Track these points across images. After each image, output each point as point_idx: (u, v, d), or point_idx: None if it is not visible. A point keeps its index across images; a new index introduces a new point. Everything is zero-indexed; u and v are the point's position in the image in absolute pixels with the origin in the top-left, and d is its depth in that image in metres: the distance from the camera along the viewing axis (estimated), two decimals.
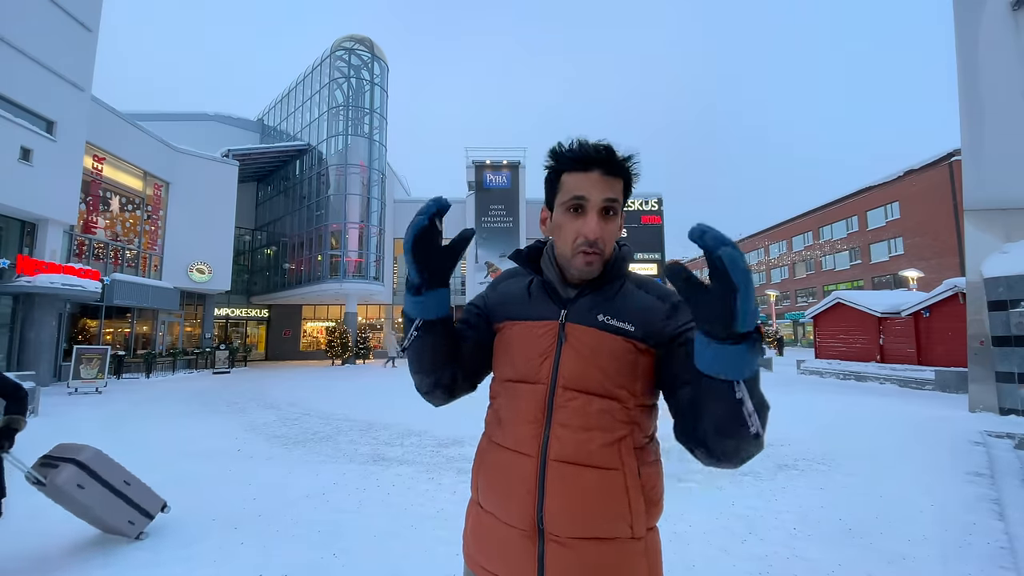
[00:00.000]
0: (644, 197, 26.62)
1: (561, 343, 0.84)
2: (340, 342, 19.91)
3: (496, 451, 0.87)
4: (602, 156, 0.81)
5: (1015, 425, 5.94)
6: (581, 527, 0.77)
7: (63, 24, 11.28)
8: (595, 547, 0.76)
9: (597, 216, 0.81)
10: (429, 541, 2.67)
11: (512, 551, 0.81)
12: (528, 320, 0.89)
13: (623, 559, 0.77)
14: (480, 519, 0.88)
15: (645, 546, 0.80)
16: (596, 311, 0.84)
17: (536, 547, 0.78)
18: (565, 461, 0.79)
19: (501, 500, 0.84)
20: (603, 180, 0.81)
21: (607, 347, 0.81)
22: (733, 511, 3.14)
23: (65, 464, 2.40)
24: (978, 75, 7.37)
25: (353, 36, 22.59)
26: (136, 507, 2.63)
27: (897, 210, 30.29)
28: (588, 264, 0.82)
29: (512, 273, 1.00)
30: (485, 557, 0.86)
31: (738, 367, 0.60)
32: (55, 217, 11.16)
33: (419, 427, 5.77)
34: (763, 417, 0.64)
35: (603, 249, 0.82)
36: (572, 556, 0.76)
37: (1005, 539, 2.69)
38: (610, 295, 0.85)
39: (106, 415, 7.21)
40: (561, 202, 0.84)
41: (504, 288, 0.97)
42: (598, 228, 0.81)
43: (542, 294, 0.90)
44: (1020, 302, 6.53)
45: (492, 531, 0.85)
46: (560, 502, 0.77)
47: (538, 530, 0.79)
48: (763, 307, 44.27)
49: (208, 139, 22.70)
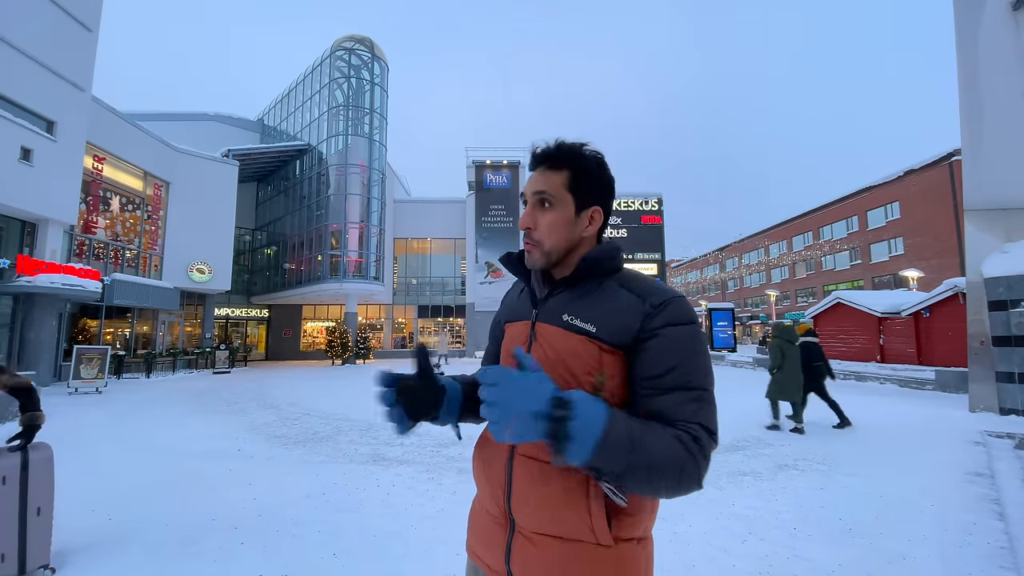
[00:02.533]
0: (644, 197, 26.64)
1: (532, 342, 0.87)
2: (340, 342, 19.92)
3: (484, 443, 0.92)
4: (544, 154, 0.86)
5: (1015, 425, 5.94)
6: (542, 523, 0.78)
7: (63, 24, 11.27)
8: (557, 546, 0.76)
9: (530, 208, 0.86)
10: (429, 541, 2.66)
11: (491, 538, 0.86)
12: (514, 321, 0.95)
13: (588, 565, 0.75)
14: (475, 506, 0.95)
15: (618, 557, 0.75)
16: (563, 310, 0.84)
17: (506, 535, 0.83)
18: (529, 456, 0.81)
19: (483, 489, 0.90)
20: (541, 175, 0.86)
21: (571, 346, 0.81)
22: (733, 511, 3.13)
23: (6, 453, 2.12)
24: (978, 75, 7.36)
25: (353, 36, 22.58)
26: (22, 546, 2.10)
27: (897, 210, 30.28)
28: (528, 254, 0.87)
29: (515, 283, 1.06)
30: (475, 541, 0.92)
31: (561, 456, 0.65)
32: (55, 217, 11.15)
33: (419, 427, 5.79)
34: (640, 481, 0.67)
35: (540, 240, 0.85)
36: (534, 551, 0.78)
37: (1005, 539, 2.69)
38: (582, 294, 0.84)
39: (106, 415, 7.21)
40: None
41: (509, 294, 1.05)
42: (527, 218, 0.86)
43: (525, 295, 0.95)
44: (1020, 302, 6.53)
45: (480, 518, 0.91)
46: (522, 495, 0.80)
47: (509, 520, 0.83)
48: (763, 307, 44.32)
49: (208, 139, 22.69)
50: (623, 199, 26.42)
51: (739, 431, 5.67)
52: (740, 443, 5.08)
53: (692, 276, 61.44)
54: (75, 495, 3.41)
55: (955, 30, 7.60)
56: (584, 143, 0.87)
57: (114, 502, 3.28)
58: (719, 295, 54.02)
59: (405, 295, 26.41)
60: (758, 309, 45.89)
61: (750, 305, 48.01)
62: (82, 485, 3.65)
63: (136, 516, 3.03)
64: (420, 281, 26.67)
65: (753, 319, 45.72)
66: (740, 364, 16.23)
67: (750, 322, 46.23)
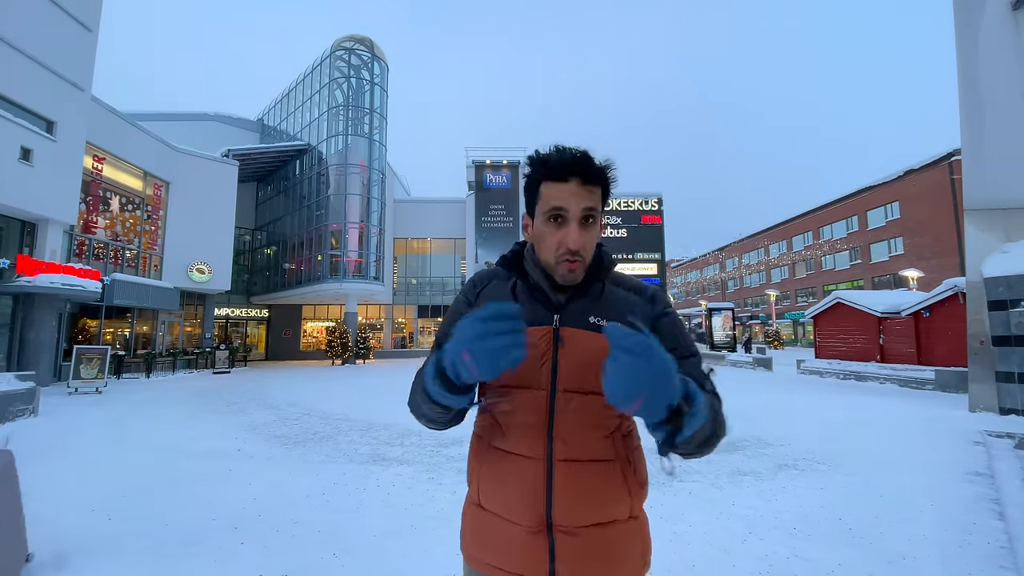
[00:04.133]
0: (644, 197, 26.65)
1: (557, 347, 0.85)
2: (340, 342, 19.92)
3: (499, 456, 0.88)
4: (579, 166, 0.81)
5: (1015, 425, 5.93)
6: (588, 516, 0.82)
7: (63, 24, 11.26)
8: (600, 532, 0.82)
9: (578, 226, 0.82)
10: (429, 541, 2.66)
11: (518, 547, 0.83)
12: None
13: (624, 538, 0.84)
14: (481, 519, 0.89)
15: (639, 524, 0.88)
16: (587, 314, 0.87)
17: (546, 540, 0.82)
18: (570, 460, 0.83)
19: (507, 501, 0.85)
20: (581, 190, 0.82)
21: (601, 347, 0.81)
22: (733, 511, 3.13)
23: None
24: (978, 75, 7.36)
25: (353, 36, 22.58)
26: None
27: (897, 210, 30.29)
28: (571, 272, 0.84)
29: (490, 276, 0.98)
30: (491, 555, 0.87)
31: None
32: (55, 217, 11.15)
33: (419, 427, 5.77)
34: (707, 448, 0.76)
35: (584, 257, 0.85)
36: (580, 543, 0.81)
37: (1005, 539, 2.69)
38: (596, 296, 0.89)
39: (106, 415, 7.21)
40: (542, 212, 0.85)
41: (488, 294, 0.95)
42: (580, 238, 0.82)
43: (532, 300, 0.90)
44: (1020, 302, 6.52)
45: (496, 529, 0.86)
46: (569, 498, 0.81)
47: (547, 525, 0.82)
48: (763, 307, 44.32)
49: (208, 139, 22.70)
50: (623, 199, 26.43)
51: (739, 431, 5.67)
52: (740, 443, 5.08)
53: (692, 276, 61.44)
54: (75, 495, 3.42)
55: (955, 30, 7.60)
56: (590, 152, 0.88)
57: (114, 502, 3.27)
58: (719, 295, 54.03)
59: (405, 295, 26.42)
60: (758, 309, 45.89)
61: (750, 305, 48.01)
62: (82, 485, 3.65)
63: (136, 516, 3.03)
64: (420, 281, 26.68)
65: (753, 319, 45.72)
66: (740, 364, 16.23)
67: (750, 322, 46.25)
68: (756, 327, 44.91)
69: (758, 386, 10.80)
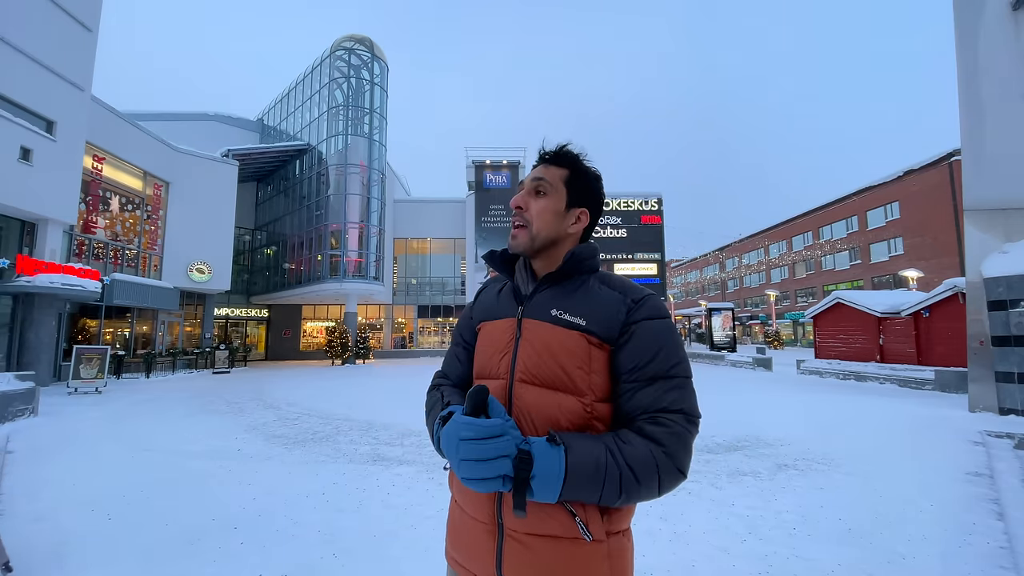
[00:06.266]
0: (644, 197, 26.64)
1: (519, 338, 0.86)
2: (340, 342, 19.92)
3: None
4: (548, 152, 0.93)
5: (1015, 425, 5.93)
6: (535, 524, 0.77)
7: (63, 24, 11.26)
8: (551, 545, 0.76)
9: (525, 191, 0.92)
10: (429, 541, 2.66)
11: (476, 544, 0.83)
12: (493, 320, 0.94)
13: (581, 561, 0.76)
14: (454, 513, 0.92)
15: (608, 550, 0.78)
16: (550, 306, 0.86)
17: (495, 541, 0.80)
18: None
19: (466, 496, 0.86)
20: (543, 168, 0.92)
21: (560, 341, 0.82)
22: (733, 511, 3.13)
23: None
24: (978, 75, 7.36)
25: (353, 36, 22.58)
26: None
27: (897, 210, 30.29)
28: (513, 237, 0.91)
29: (495, 280, 1.06)
30: (456, 550, 0.88)
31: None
32: (55, 217, 11.14)
33: (419, 427, 5.77)
34: (618, 500, 0.73)
35: (529, 221, 0.89)
36: (527, 553, 0.77)
37: (1005, 539, 2.69)
38: (569, 290, 0.88)
39: (106, 415, 7.20)
40: None
41: (484, 294, 1.03)
42: (520, 198, 0.91)
43: (508, 294, 0.96)
44: (1020, 302, 6.53)
45: (462, 524, 0.87)
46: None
47: (498, 524, 0.80)
48: (763, 307, 44.30)
49: (208, 139, 22.68)
50: (623, 199, 26.42)
51: (739, 431, 5.67)
52: (740, 443, 5.08)
53: (692, 276, 61.44)
54: (75, 495, 3.42)
55: (955, 30, 7.60)
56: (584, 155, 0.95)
57: (114, 502, 3.27)
58: (719, 295, 54.02)
59: (405, 295, 26.41)
60: (758, 309, 45.88)
61: (750, 305, 48.01)
62: (82, 485, 3.65)
63: (136, 516, 3.03)
64: (420, 281, 26.67)
65: (753, 319, 45.71)
66: (740, 364, 16.23)
67: (750, 322, 46.24)
68: (756, 327, 44.91)
69: (758, 386, 10.79)
